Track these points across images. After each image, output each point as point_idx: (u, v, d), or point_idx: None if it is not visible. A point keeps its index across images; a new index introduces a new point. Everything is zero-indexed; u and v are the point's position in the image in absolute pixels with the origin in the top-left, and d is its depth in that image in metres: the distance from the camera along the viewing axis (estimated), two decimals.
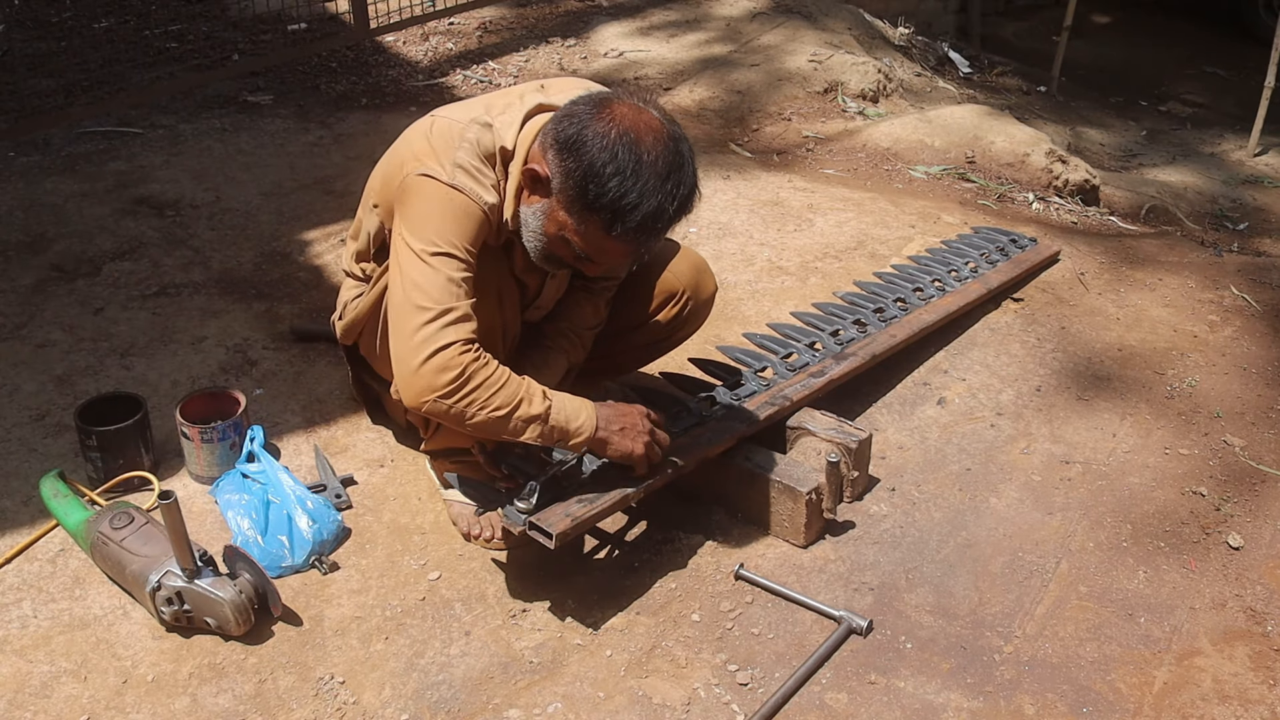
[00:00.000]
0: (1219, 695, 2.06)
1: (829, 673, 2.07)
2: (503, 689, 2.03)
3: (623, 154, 1.91)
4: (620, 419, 2.11)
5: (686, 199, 1.98)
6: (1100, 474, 2.62)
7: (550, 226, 2.03)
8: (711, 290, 2.54)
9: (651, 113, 1.99)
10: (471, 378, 1.94)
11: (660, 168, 1.93)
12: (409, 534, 2.37)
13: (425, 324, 1.94)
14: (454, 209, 2.01)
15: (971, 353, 3.03)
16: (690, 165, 1.99)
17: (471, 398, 1.95)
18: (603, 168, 1.91)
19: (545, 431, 2.02)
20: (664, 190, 1.93)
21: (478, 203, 2.02)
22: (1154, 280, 3.48)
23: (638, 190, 1.91)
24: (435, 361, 1.93)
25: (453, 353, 1.93)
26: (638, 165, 1.91)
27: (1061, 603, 2.25)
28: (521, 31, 5.31)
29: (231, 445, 2.47)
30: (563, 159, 1.96)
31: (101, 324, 3.01)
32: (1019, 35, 7.86)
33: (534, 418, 2.00)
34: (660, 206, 1.93)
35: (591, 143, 1.92)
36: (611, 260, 2.07)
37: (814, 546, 2.36)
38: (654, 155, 1.93)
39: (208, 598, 2.05)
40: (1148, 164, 5.53)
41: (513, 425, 1.99)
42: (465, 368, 1.94)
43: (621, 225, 1.94)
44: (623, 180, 1.90)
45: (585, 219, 1.96)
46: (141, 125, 4.22)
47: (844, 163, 4.33)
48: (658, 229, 1.97)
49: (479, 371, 1.95)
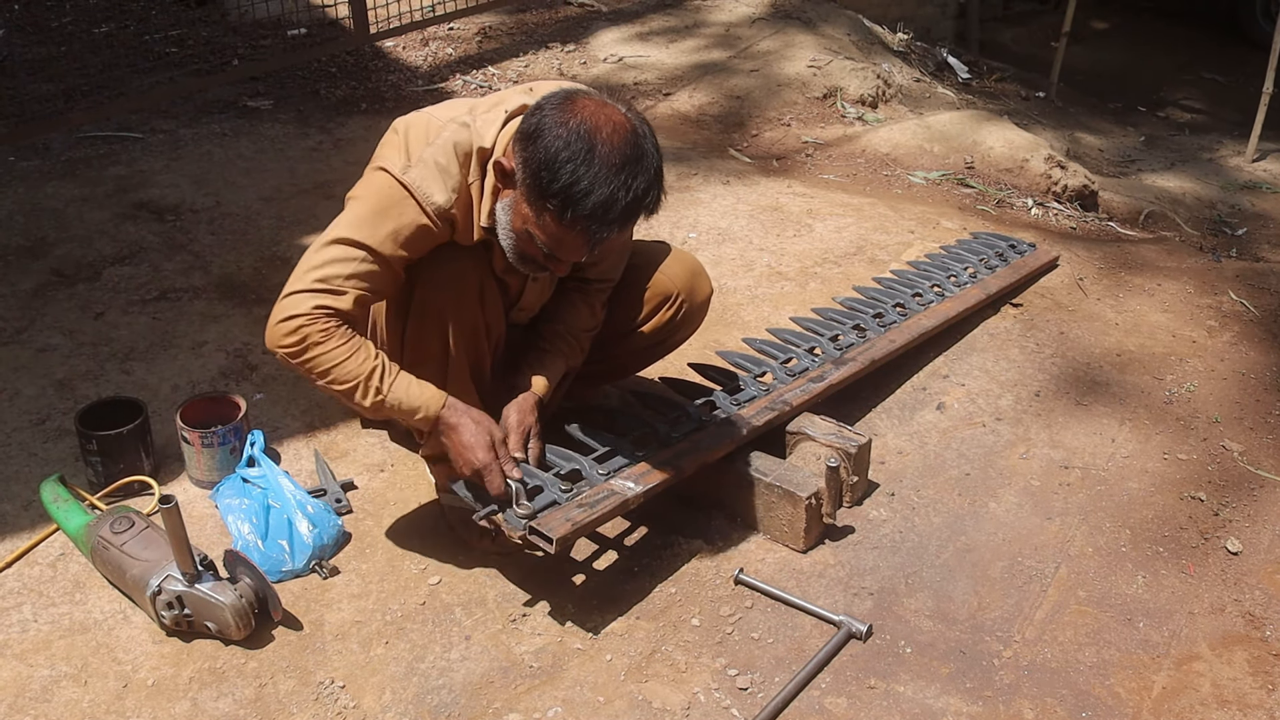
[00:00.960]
0: (1218, 700, 2.07)
1: (828, 677, 2.07)
2: (503, 693, 2.03)
3: (576, 142, 1.92)
4: (464, 431, 2.11)
5: (643, 192, 1.96)
6: (1099, 479, 2.62)
7: (516, 220, 2.05)
8: (707, 293, 2.55)
9: (617, 108, 1.99)
10: (310, 348, 2.00)
11: (615, 158, 1.92)
12: (409, 538, 2.37)
13: (291, 293, 2.03)
14: (384, 204, 2.05)
15: (971, 358, 3.04)
16: (651, 160, 1.98)
17: (310, 365, 2.02)
18: (556, 154, 1.92)
19: (383, 411, 2.08)
20: (617, 180, 1.92)
21: (421, 201, 2.05)
22: (1152, 286, 3.49)
23: (589, 177, 1.91)
24: (287, 325, 2.01)
25: (299, 321, 2.00)
26: (590, 153, 1.91)
27: (1060, 607, 2.26)
28: (521, 37, 5.32)
29: (232, 450, 2.47)
30: (523, 149, 1.97)
31: (102, 328, 3.01)
32: (1017, 41, 7.88)
33: (376, 402, 2.06)
34: (612, 195, 1.93)
35: (549, 131, 1.94)
36: (569, 253, 2.05)
37: (813, 551, 2.37)
38: (610, 146, 1.93)
39: (208, 602, 2.05)
40: (1146, 169, 5.54)
41: (352, 400, 2.05)
42: (306, 337, 2.00)
43: (572, 212, 1.94)
44: (575, 167, 1.91)
45: (540, 208, 1.98)
46: (141, 130, 4.22)
47: (843, 168, 4.34)
48: (609, 219, 1.95)
49: (318, 345, 2.01)
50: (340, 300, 2.03)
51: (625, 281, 2.46)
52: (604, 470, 2.25)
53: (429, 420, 2.10)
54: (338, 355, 2.02)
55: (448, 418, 2.10)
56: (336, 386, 2.04)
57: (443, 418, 2.10)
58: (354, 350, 2.03)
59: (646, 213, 2.00)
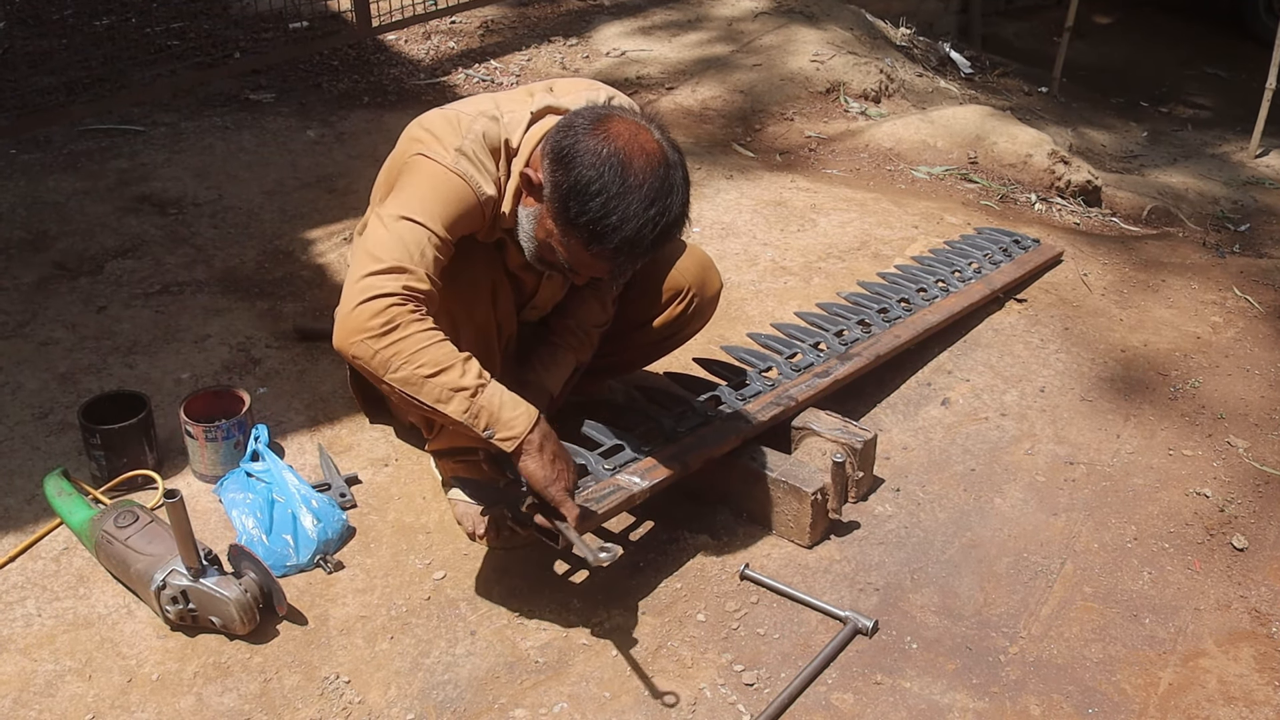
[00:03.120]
0: (1224, 696, 2.06)
1: (834, 673, 2.07)
2: (508, 689, 2.02)
3: (609, 174, 1.89)
4: (559, 459, 1.98)
5: (669, 227, 1.95)
6: (1104, 475, 2.62)
7: (540, 232, 2.03)
8: (717, 287, 2.54)
9: (651, 133, 1.96)
10: (401, 326, 1.86)
11: (646, 193, 1.90)
12: (414, 533, 2.37)
13: (371, 274, 1.90)
14: (446, 189, 2.00)
15: (975, 353, 3.03)
16: (680, 193, 1.96)
17: (397, 348, 1.86)
18: (587, 185, 1.89)
19: (471, 409, 1.90)
20: (645, 216, 1.91)
21: (475, 190, 2.02)
22: (1157, 282, 3.49)
23: (619, 214, 1.89)
24: (371, 305, 1.87)
25: (389, 300, 1.87)
26: (623, 188, 1.89)
27: (1066, 604, 2.25)
28: (523, 30, 5.31)
29: (236, 444, 2.47)
30: (554, 170, 1.95)
31: (104, 322, 3.00)
32: (1020, 36, 7.86)
33: (462, 389, 1.89)
34: (639, 233, 1.91)
35: (581, 158, 1.91)
36: (593, 274, 2.06)
37: (819, 547, 2.36)
38: (641, 179, 1.90)
39: (213, 596, 2.04)
40: (1149, 165, 5.53)
41: (436, 391, 1.88)
42: (397, 315, 1.87)
43: (599, 245, 1.93)
44: (605, 201, 1.89)
45: (568, 232, 1.96)
46: (143, 123, 4.21)
47: (847, 163, 4.33)
48: (636, 253, 1.95)
49: (411, 323, 1.87)
50: (423, 282, 1.92)
51: (637, 275, 2.45)
52: (610, 465, 2.24)
53: (517, 438, 1.93)
54: (432, 336, 1.88)
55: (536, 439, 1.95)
56: (419, 370, 1.87)
57: (531, 440, 1.94)
58: (443, 339, 1.91)
59: (674, 239, 2.00)
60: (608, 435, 2.33)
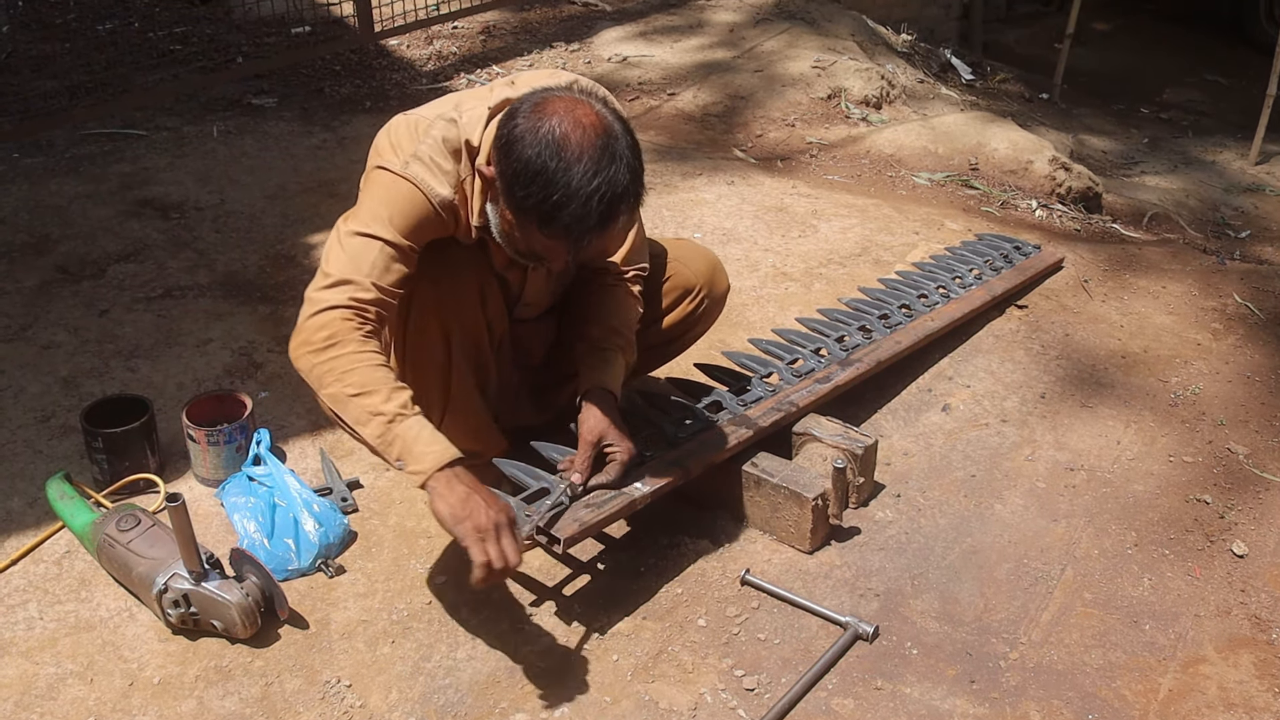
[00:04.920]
0: (1224, 703, 2.06)
1: (835, 678, 2.07)
2: (509, 693, 2.03)
3: (546, 153, 1.87)
4: (472, 500, 1.89)
5: (620, 193, 1.90)
6: (1105, 481, 2.62)
7: (504, 225, 2.02)
8: (725, 287, 2.57)
9: (589, 105, 1.93)
10: (340, 344, 1.90)
11: (586, 166, 1.87)
12: (415, 538, 2.37)
13: (325, 287, 1.95)
14: (395, 196, 2.02)
15: (976, 359, 3.04)
16: (625, 162, 1.91)
17: (332, 364, 1.90)
18: (526, 168, 1.88)
19: (386, 435, 1.89)
20: (589, 188, 1.87)
21: (426, 194, 2.03)
22: (1157, 288, 3.49)
23: (561, 191, 1.86)
24: (316, 320, 1.92)
25: (334, 314, 1.92)
26: (561, 164, 1.86)
27: (1066, 609, 2.25)
28: (525, 35, 5.32)
29: (237, 448, 2.47)
30: (499, 160, 1.94)
31: (107, 326, 3.01)
32: (1021, 42, 7.88)
33: (380, 414, 1.89)
34: (584, 206, 1.87)
35: (520, 141, 1.89)
36: (555, 258, 2.02)
37: (820, 552, 2.37)
38: (579, 153, 1.87)
39: (214, 600, 2.05)
40: (1150, 171, 5.54)
41: (357, 412, 1.90)
42: (338, 331, 1.91)
43: (550, 227, 1.91)
44: (545, 182, 1.87)
45: (520, 219, 1.95)
46: (145, 127, 4.22)
47: (848, 169, 4.34)
48: (586, 226, 1.90)
49: (350, 340, 1.91)
50: (368, 292, 1.97)
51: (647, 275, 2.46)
52: None
53: (424, 473, 1.89)
54: (362, 359, 1.91)
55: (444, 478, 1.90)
56: (349, 390, 1.89)
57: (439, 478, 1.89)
58: (379, 362, 1.94)
59: (627, 210, 1.95)
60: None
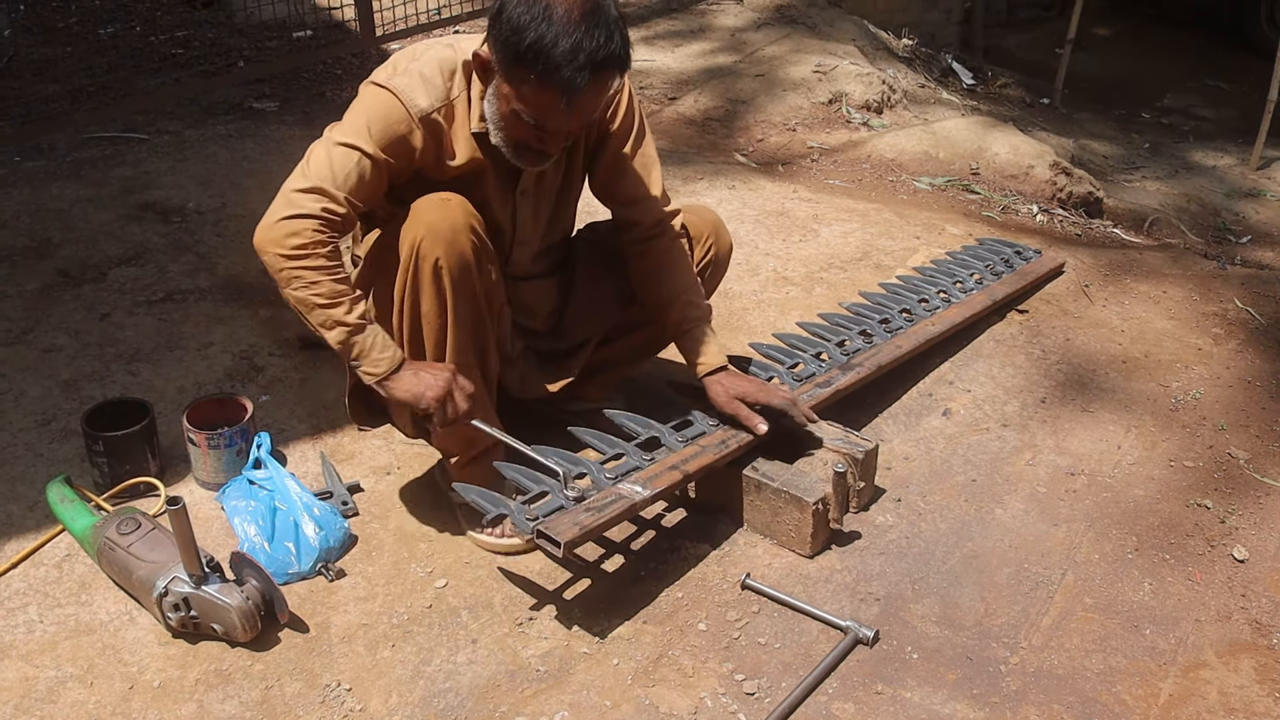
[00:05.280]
0: (1225, 708, 2.06)
1: (835, 683, 2.07)
2: (509, 697, 2.02)
3: (535, 5, 1.99)
4: (423, 376, 2.12)
5: (607, 38, 2.01)
6: (1105, 486, 2.62)
7: (502, 105, 2.11)
8: (729, 244, 2.63)
9: None
10: (311, 256, 2.04)
11: (574, 13, 1.99)
12: (415, 541, 2.37)
13: (300, 190, 2.06)
14: (375, 106, 2.12)
15: (976, 364, 3.04)
16: (609, 11, 2.03)
17: (301, 272, 2.04)
18: (519, 19, 1.99)
19: (347, 342, 2.07)
20: (580, 29, 1.98)
21: (406, 104, 2.11)
22: (1158, 293, 3.49)
23: (554, 31, 1.97)
24: (290, 224, 2.04)
25: (307, 224, 2.04)
26: (548, 11, 1.98)
27: (1067, 614, 2.25)
28: None
29: (238, 452, 2.47)
30: (492, 31, 2.05)
31: (108, 329, 3.01)
32: (1021, 47, 7.89)
33: (343, 324, 2.07)
34: (577, 43, 1.98)
35: (509, 4, 2.01)
36: (557, 119, 2.09)
37: (820, 556, 2.36)
38: (569, 8, 1.99)
39: (214, 604, 2.05)
40: (1150, 176, 5.55)
41: (322, 317, 2.06)
42: (309, 241, 2.03)
43: (543, 66, 1.99)
44: (537, 25, 1.97)
45: (518, 79, 2.04)
46: (147, 131, 4.23)
47: (849, 173, 4.34)
48: (579, 65, 1.99)
49: (319, 254, 2.04)
50: (341, 206, 2.07)
51: None
52: (611, 474, 2.25)
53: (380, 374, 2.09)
54: (328, 272, 2.05)
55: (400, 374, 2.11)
56: (318, 300, 2.04)
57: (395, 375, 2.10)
58: (342, 275, 2.08)
59: (617, 63, 2.05)
60: (608, 444, 2.34)
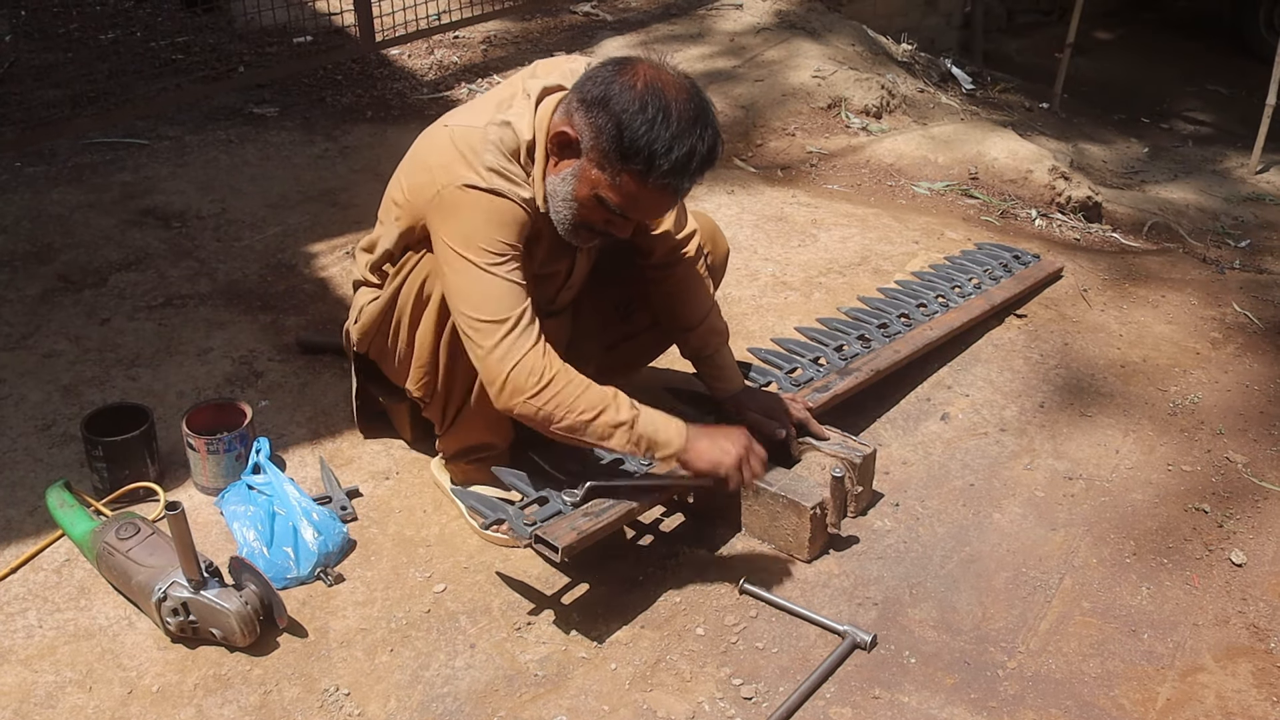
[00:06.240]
0: (1222, 712, 2.06)
1: (833, 687, 2.07)
2: (507, 702, 2.03)
3: (652, 101, 1.97)
4: (717, 442, 2.15)
5: (715, 144, 2.04)
6: (1103, 490, 2.62)
7: (582, 188, 2.07)
8: (726, 249, 2.64)
9: (667, 67, 2.06)
10: (555, 380, 2.04)
11: (688, 113, 1.99)
12: (414, 546, 2.38)
13: (504, 336, 2.04)
14: (498, 213, 2.07)
15: (975, 368, 3.04)
16: (713, 113, 2.05)
17: (556, 401, 2.04)
18: (634, 116, 1.97)
19: (632, 438, 2.08)
20: (693, 134, 1.99)
21: (517, 202, 2.08)
22: (1156, 297, 3.50)
23: (670, 134, 1.97)
24: (521, 367, 2.03)
25: (535, 357, 2.04)
26: (666, 111, 1.97)
27: (1065, 619, 2.26)
28: (526, 45, 5.33)
29: (237, 457, 2.48)
30: (592, 116, 2.01)
31: (108, 334, 3.02)
32: (1021, 52, 7.89)
33: (620, 424, 2.07)
34: (692, 148, 1.99)
35: (620, 95, 1.98)
36: (646, 212, 2.12)
37: (818, 561, 2.37)
38: (680, 102, 1.99)
39: (213, 609, 2.05)
40: (1150, 181, 5.55)
41: (599, 430, 2.07)
42: (546, 370, 2.04)
43: (656, 170, 1.99)
44: (653, 126, 1.96)
45: (619, 170, 2.01)
46: (147, 136, 4.23)
47: (848, 178, 4.35)
48: (691, 171, 2.02)
49: (561, 375, 2.05)
50: (535, 323, 2.06)
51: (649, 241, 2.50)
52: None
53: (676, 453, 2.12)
54: (581, 382, 2.06)
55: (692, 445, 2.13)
56: (582, 417, 2.04)
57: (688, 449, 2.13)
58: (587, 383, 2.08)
59: (710, 169, 2.07)
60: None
